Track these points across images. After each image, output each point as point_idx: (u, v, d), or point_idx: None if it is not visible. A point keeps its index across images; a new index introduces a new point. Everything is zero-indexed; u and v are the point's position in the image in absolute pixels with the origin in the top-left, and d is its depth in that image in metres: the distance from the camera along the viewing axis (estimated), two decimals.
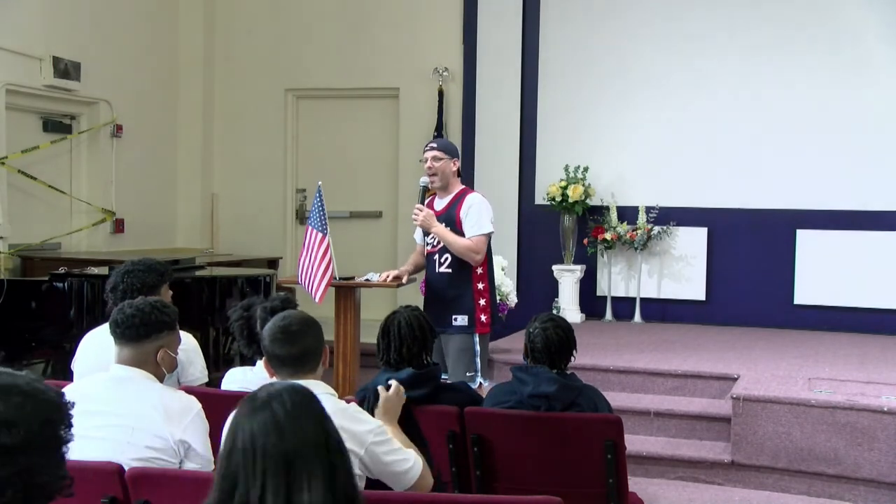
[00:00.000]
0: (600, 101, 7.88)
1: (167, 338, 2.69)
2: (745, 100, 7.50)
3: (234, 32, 8.85)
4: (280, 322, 2.51)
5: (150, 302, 2.72)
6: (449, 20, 8.31)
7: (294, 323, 2.52)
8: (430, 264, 4.49)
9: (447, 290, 4.39)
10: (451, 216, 4.39)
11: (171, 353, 2.72)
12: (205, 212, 8.87)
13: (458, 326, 4.35)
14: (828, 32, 7.32)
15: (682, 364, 5.67)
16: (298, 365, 2.50)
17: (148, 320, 2.65)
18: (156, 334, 2.66)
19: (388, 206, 8.67)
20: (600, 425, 3.02)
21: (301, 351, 2.50)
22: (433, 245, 4.45)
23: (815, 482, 4.61)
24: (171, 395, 2.63)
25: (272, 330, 2.50)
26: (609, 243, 7.54)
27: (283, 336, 2.47)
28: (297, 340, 2.49)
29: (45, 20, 7.09)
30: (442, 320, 4.31)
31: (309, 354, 2.52)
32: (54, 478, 1.48)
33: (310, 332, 2.53)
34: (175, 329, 2.74)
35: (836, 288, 7.17)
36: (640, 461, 4.82)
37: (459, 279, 4.38)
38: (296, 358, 2.49)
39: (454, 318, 4.35)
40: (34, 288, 5.60)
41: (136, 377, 2.61)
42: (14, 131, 6.87)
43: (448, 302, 4.37)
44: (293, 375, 2.45)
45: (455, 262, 4.37)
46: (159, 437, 2.50)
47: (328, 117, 8.83)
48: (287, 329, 2.49)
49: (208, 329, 5.34)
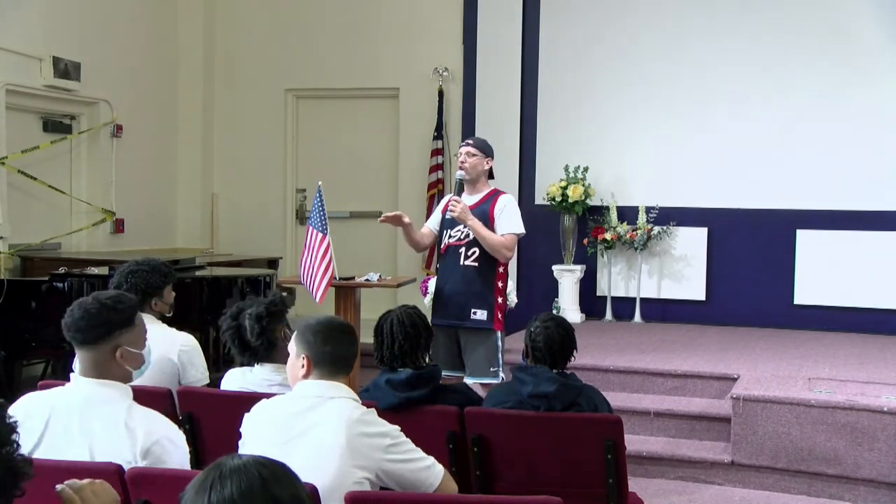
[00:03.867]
0: (600, 102, 7.88)
1: (124, 335, 2.45)
2: (745, 100, 7.50)
3: (234, 32, 8.85)
4: (328, 318, 2.59)
5: (101, 299, 2.46)
6: (449, 20, 8.31)
7: (338, 323, 2.60)
8: (451, 257, 4.44)
9: (471, 284, 4.38)
10: (485, 212, 4.40)
11: (132, 349, 2.48)
12: (205, 212, 8.87)
13: (478, 321, 4.36)
14: (828, 33, 7.32)
15: (682, 364, 5.67)
16: (341, 365, 2.55)
17: (96, 321, 2.42)
18: (108, 335, 2.42)
19: (388, 206, 8.62)
20: (600, 425, 3.02)
21: (344, 353, 2.55)
22: (458, 238, 4.42)
23: (815, 482, 4.61)
24: (135, 420, 2.40)
25: (318, 324, 2.55)
26: (609, 243, 7.54)
27: (330, 332, 2.53)
28: (345, 341, 2.56)
29: (45, 20, 7.09)
30: (460, 313, 4.33)
31: (348, 357, 2.57)
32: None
33: (348, 338, 2.59)
34: (133, 324, 2.49)
35: (835, 288, 7.17)
36: (640, 461, 4.82)
37: (484, 274, 4.39)
38: (339, 358, 2.54)
39: (473, 311, 4.36)
40: (34, 288, 5.61)
41: (97, 398, 2.40)
42: (14, 131, 6.87)
43: (470, 295, 4.37)
44: (330, 375, 2.51)
45: (483, 256, 4.38)
46: (122, 462, 2.34)
47: (328, 117, 8.83)
48: (335, 327, 2.56)
49: (208, 329, 5.34)
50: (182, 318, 4.02)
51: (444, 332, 4.40)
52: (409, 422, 3.01)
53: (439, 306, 4.46)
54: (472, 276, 4.38)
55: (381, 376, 3.18)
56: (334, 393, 2.48)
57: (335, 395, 2.47)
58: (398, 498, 2.38)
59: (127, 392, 2.46)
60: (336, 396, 2.47)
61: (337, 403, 2.46)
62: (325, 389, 2.48)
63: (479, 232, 4.33)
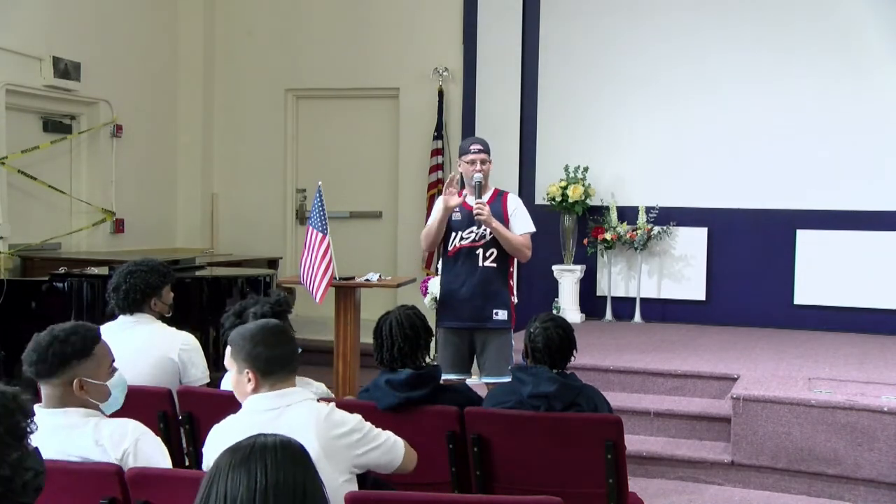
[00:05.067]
0: (600, 101, 7.88)
1: (81, 366, 2.39)
2: (745, 100, 7.49)
3: (234, 32, 8.85)
4: (262, 324, 2.50)
5: (54, 332, 2.41)
6: (449, 20, 8.31)
7: (272, 325, 2.51)
8: (467, 258, 4.41)
9: (490, 285, 4.40)
10: (498, 212, 4.41)
11: (92, 380, 2.41)
12: (205, 212, 8.87)
13: (500, 321, 4.39)
14: (829, 32, 7.31)
15: (682, 364, 5.67)
16: (290, 367, 2.47)
17: (45, 356, 2.37)
18: (61, 368, 2.37)
19: (388, 206, 8.67)
20: (600, 425, 3.02)
21: (291, 351, 2.48)
22: (473, 240, 4.41)
23: (815, 482, 4.61)
24: (103, 435, 2.38)
25: (256, 333, 2.44)
26: (609, 243, 7.54)
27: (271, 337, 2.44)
28: (287, 338, 2.49)
29: (45, 20, 7.09)
30: (481, 315, 4.36)
31: (295, 355, 2.49)
32: (18, 469, 1.46)
33: (288, 335, 2.52)
34: (89, 354, 2.41)
35: (835, 288, 7.16)
36: (640, 461, 4.82)
37: (501, 275, 4.44)
38: (287, 359, 2.46)
39: (496, 312, 4.38)
40: (34, 288, 5.61)
41: (61, 427, 2.36)
42: (14, 131, 6.87)
43: (490, 296, 4.39)
44: (280, 381, 2.43)
45: (500, 257, 4.41)
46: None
47: (328, 117, 8.83)
48: (272, 330, 2.47)
49: (208, 329, 5.34)
50: (182, 318, 4.02)
51: (457, 335, 4.41)
52: (409, 422, 3.02)
53: (452, 308, 4.43)
54: (491, 276, 4.40)
55: (380, 376, 3.18)
56: (289, 400, 2.41)
57: (291, 402, 2.41)
58: (398, 498, 2.38)
59: (88, 412, 2.42)
60: (292, 403, 2.41)
61: (296, 410, 2.40)
62: (278, 400, 2.41)
63: (503, 234, 4.35)
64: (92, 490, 2.33)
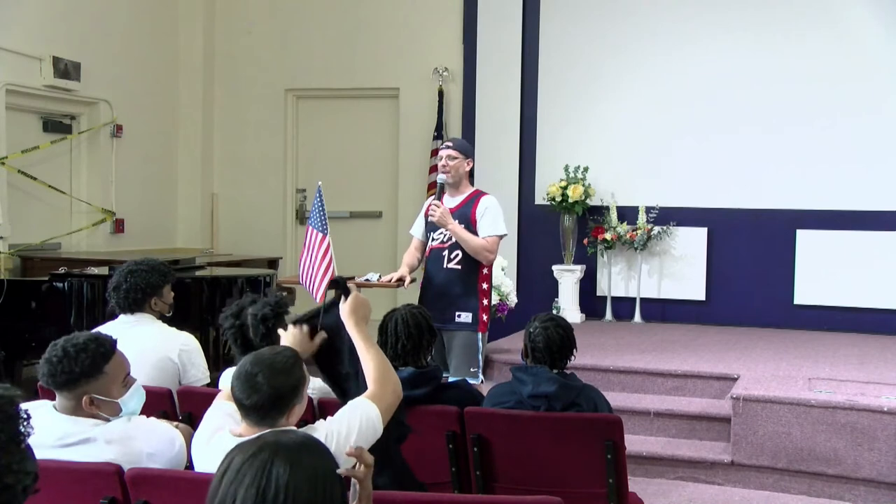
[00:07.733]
0: (600, 101, 7.88)
1: (91, 384, 2.38)
2: (745, 100, 7.49)
3: (234, 32, 8.85)
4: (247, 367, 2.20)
5: (66, 347, 2.37)
6: (449, 20, 8.31)
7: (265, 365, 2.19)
8: (435, 259, 4.48)
9: (454, 287, 4.40)
10: (466, 215, 4.41)
11: (102, 397, 2.40)
12: (205, 212, 8.87)
13: (462, 323, 4.38)
14: (829, 32, 7.31)
15: (682, 364, 5.67)
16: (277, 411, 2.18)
17: (55, 371, 2.35)
18: (72, 384, 2.36)
19: (388, 206, 8.67)
20: (600, 425, 3.02)
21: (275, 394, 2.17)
22: (441, 241, 4.45)
23: (815, 482, 4.60)
24: (115, 450, 2.38)
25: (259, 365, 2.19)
26: (609, 243, 7.54)
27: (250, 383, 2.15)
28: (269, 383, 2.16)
29: (45, 20, 7.09)
30: (443, 316, 4.33)
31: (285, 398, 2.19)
32: (20, 475, 1.46)
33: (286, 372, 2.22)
34: (100, 373, 2.38)
35: (835, 288, 7.17)
36: (640, 461, 4.81)
37: (467, 277, 4.41)
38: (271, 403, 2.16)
39: (457, 314, 4.38)
40: (34, 288, 5.60)
41: (72, 435, 2.36)
42: (14, 131, 6.88)
43: (453, 298, 4.40)
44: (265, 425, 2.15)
45: (465, 259, 4.40)
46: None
47: (328, 117, 8.83)
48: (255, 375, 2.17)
49: (208, 329, 5.34)
50: (182, 318, 4.02)
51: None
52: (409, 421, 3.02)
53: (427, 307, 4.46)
54: (454, 278, 4.41)
55: None
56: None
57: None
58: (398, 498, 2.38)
59: (96, 423, 2.40)
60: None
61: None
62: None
63: (460, 235, 4.35)
64: (92, 490, 2.33)
